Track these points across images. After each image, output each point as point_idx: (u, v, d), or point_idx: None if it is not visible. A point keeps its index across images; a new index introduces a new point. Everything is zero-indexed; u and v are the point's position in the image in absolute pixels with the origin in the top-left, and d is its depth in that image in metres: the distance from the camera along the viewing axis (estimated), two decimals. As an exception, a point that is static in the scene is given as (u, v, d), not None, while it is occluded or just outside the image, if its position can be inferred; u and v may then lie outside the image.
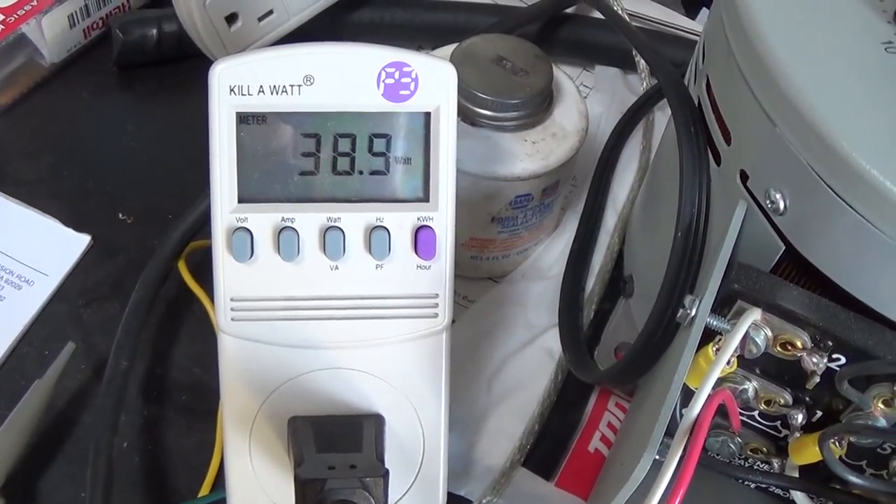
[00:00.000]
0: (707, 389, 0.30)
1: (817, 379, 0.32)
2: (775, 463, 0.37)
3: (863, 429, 0.30)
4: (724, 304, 0.32)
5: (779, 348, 0.31)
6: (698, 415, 0.30)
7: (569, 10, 0.54)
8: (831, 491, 0.36)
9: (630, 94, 0.53)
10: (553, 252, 0.47)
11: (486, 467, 0.40)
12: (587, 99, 0.54)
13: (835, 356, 0.31)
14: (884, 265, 0.29)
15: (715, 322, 0.31)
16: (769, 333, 0.31)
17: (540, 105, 0.41)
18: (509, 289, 0.45)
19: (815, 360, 0.31)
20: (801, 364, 0.32)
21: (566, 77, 0.44)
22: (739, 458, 0.38)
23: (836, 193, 0.29)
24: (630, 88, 0.54)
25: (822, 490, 0.36)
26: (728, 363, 0.32)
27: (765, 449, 0.37)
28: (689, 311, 0.31)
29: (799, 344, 0.31)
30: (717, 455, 0.37)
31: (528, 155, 0.41)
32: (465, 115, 0.41)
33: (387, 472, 0.31)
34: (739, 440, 0.37)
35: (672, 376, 0.30)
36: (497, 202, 0.42)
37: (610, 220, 0.47)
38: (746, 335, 0.31)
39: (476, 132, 0.41)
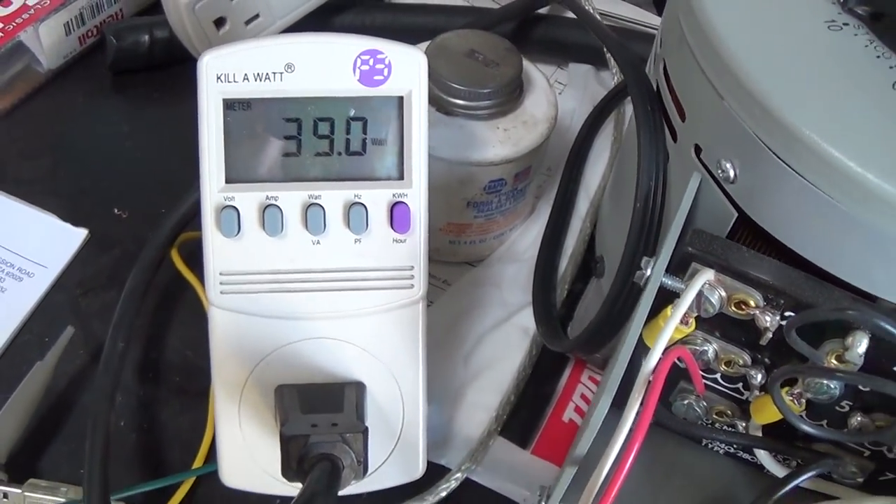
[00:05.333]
0: (663, 342, 0.31)
1: (770, 335, 0.33)
2: (740, 425, 0.38)
3: (808, 369, 0.32)
4: (681, 268, 0.33)
5: (733, 308, 0.33)
6: (654, 367, 0.31)
7: (542, 11, 0.57)
8: (794, 449, 0.37)
9: (602, 89, 0.55)
10: (528, 237, 0.48)
11: (465, 438, 0.42)
12: (561, 95, 0.56)
13: (787, 314, 0.32)
14: (829, 226, 0.31)
15: (670, 282, 0.32)
16: (723, 293, 0.33)
17: (511, 94, 0.43)
18: (485, 271, 0.47)
19: (767, 318, 0.33)
20: (755, 323, 0.33)
21: (536, 69, 0.46)
22: (705, 422, 0.39)
23: (780, 159, 0.31)
24: (602, 84, 0.56)
25: (784, 448, 0.37)
26: (686, 323, 0.34)
27: (729, 412, 0.38)
28: (644, 272, 0.33)
29: (752, 303, 0.33)
30: (684, 418, 0.39)
31: (499, 141, 0.43)
32: (439, 105, 0.43)
33: (366, 428, 0.33)
34: (704, 403, 0.38)
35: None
36: (472, 187, 0.44)
37: (582, 207, 0.49)
38: (701, 294, 0.32)
39: (450, 121, 0.43)
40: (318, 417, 0.33)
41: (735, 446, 0.41)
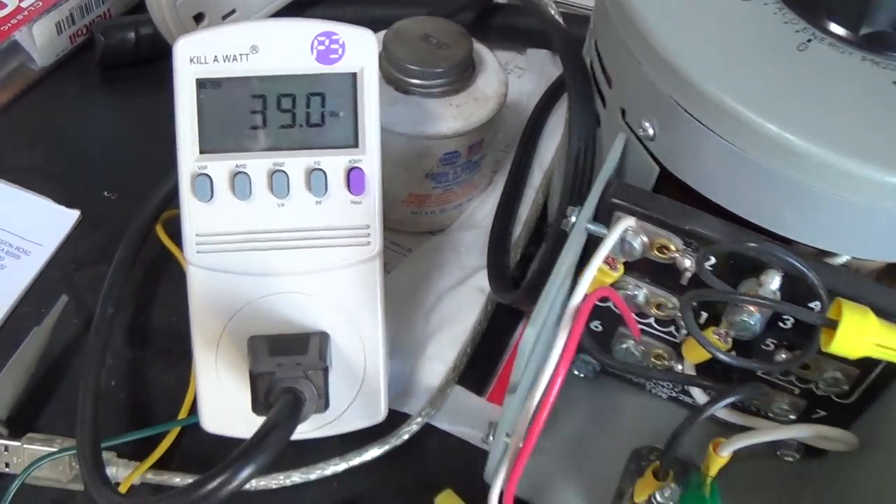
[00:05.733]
0: (587, 279, 0.35)
1: (689, 275, 0.36)
2: (677, 367, 0.41)
3: (713, 293, 0.35)
4: (607, 217, 0.36)
5: (656, 252, 0.36)
6: (579, 304, 0.35)
7: (501, 0, 0.60)
8: (724, 385, 0.40)
9: (557, 71, 0.58)
10: (486, 206, 0.52)
11: (426, 387, 0.45)
12: (521, 79, 0.60)
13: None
14: (740, 176, 0.34)
15: (594, 227, 0.36)
16: (645, 239, 0.36)
17: (462, 73, 0.47)
18: (446, 238, 0.51)
19: (687, 260, 0.36)
20: (677, 266, 0.36)
21: (489, 52, 0.50)
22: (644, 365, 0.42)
23: (692, 117, 0.34)
24: (557, 67, 0.59)
25: (717, 386, 0.40)
26: (615, 268, 0.37)
27: (665, 355, 0.41)
28: (569, 220, 0.36)
29: (672, 247, 0.36)
30: (625, 362, 0.42)
31: (452, 116, 0.47)
32: (397, 85, 0.47)
33: (326, 367, 0.37)
34: (642, 348, 0.41)
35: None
36: (429, 159, 0.47)
37: (536, 178, 0.52)
38: (624, 240, 0.36)
39: (407, 99, 0.47)
40: (284, 358, 0.37)
41: (675, 389, 0.44)
